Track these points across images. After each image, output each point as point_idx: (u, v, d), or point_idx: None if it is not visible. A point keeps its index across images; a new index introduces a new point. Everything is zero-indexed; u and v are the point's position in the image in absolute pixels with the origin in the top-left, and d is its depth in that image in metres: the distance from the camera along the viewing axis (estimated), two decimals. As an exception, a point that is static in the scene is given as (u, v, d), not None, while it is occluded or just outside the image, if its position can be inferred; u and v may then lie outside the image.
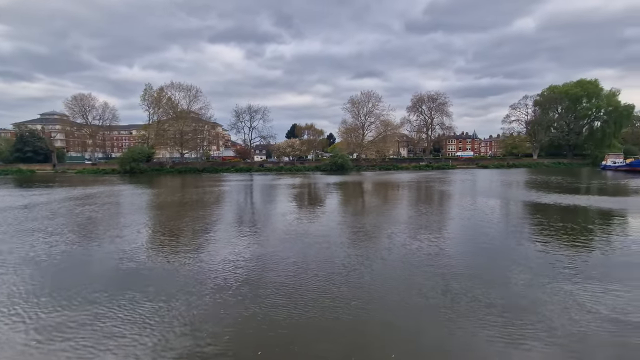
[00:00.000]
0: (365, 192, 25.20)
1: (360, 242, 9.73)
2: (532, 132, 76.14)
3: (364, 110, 68.12)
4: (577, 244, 9.18)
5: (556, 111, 75.77)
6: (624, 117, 69.63)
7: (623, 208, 15.11)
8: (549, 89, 75.76)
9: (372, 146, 68.41)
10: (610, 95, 70.89)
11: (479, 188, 25.97)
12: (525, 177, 38.96)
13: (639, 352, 4.25)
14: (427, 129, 77.43)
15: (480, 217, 13.50)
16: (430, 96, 74.81)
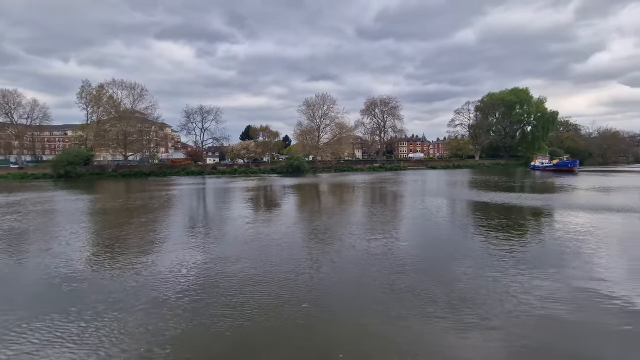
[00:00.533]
0: (321, 193, 25.30)
1: (314, 244, 9.65)
2: (474, 135, 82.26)
3: (319, 112, 68.72)
4: (513, 237, 9.91)
5: (494, 116, 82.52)
6: (550, 122, 77.94)
7: (550, 205, 16.72)
8: (487, 96, 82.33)
9: (328, 148, 69.17)
10: (539, 102, 78.86)
11: (428, 188, 27.31)
12: (469, 177, 41.81)
13: (570, 334, 4.61)
14: (380, 132, 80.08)
15: (429, 215, 14.11)
16: (382, 100, 77.55)
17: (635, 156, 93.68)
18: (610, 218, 12.56)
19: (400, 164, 73.48)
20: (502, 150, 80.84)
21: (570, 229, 10.98)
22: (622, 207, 14.91)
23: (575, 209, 14.59)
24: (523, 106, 78.68)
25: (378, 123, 79.08)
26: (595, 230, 10.71)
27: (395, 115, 77.45)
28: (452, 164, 75.26)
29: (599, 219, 12.38)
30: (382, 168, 67.58)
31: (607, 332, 4.67)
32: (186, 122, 68.41)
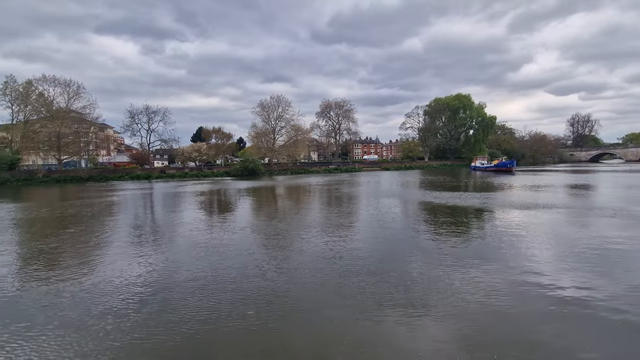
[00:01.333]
0: (276, 196, 24.94)
1: (266, 249, 9.40)
2: (423, 138, 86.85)
3: (275, 114, 68.02)
4: (457, 234, 10.47)
5: (441, 120, 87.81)
6: (489, 126, 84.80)
7: (490, 203, 18.04)
8: (435, 101, 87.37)
9: (284, 150, 68.67)
10: (479, 108, 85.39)
11: (381, 189, 28.15)
12: (419, 177, 43.92)
13: (507, 319, 4.96)
14: (335, 134, 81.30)
15: (381, 216, 14.48)
16: (337, 103, 78.91)
17: (560, 157, 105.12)
18: (538, 214, 13.85)
19: (355, 166, 75.17)
20: (449, 152, 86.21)
21: (506, 224, 11.93)
22: (548, 204, 16.58)
23: (511, 207, 15.91)
24: (466, 111, 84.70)
25: (333, 125, 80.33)
26: (527, 225, 11.74)
27: (350, 118, 79.27)
28: (404, 165, 78.59)
29: (530, 215, 13.60)
30: (337, 170, 68.58)
31: (539, 314, 5.12)
32: (130, 123, 64.06)
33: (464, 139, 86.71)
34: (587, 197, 19.58)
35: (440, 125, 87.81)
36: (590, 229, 10.80)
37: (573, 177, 36.38)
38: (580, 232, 10.41)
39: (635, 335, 4.57)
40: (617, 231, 10.28)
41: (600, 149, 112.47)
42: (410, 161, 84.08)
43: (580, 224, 11.55)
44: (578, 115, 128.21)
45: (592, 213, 13.58)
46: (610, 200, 17.33)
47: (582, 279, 6.51)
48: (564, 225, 11.55)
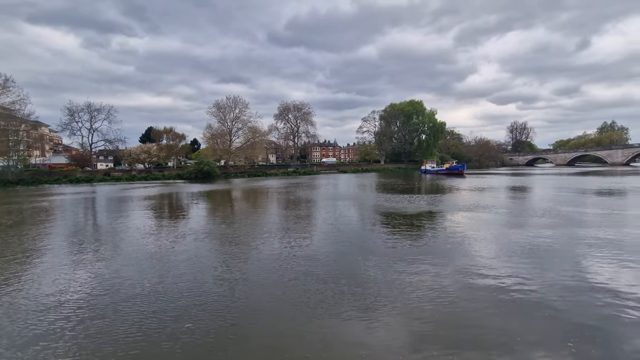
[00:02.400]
0: (232, 200, 24.32)
1: (223, 255, 9.12)
2: (380, 141, 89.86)
3: (231, 115, 66.34)
4: (410, 234, 10.95)
5: (396, 125, 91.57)
6: (440, 131, 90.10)
7: (441, 205, 19.11)
8: (390, 106, 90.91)
9: (241, 153, 67.15)
10: (431, 114, 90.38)
11: (339, 192, 28.62)
12: (375, 180, 45.35)
13: (456, 309, 5.29)
14: (293, 137, 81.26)
15: (338, 218, 14.69)
16: (295, 105, 79.00)
17: (501, 161, 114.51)
18: (482, 216, 14.96)
19: (314, 169, 75.69)
20: (403, 155, 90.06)
21: (454, 225, 12.74)
22: (490, 205, 18.00)
23: (459, 209, 17.02)
24: (419, 117, 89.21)
25: (292, 128, 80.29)
26: (472, 225, 12.62)
27: (308, 121, 79.74)
28: (361, 168, 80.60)
29: (474, 217, 14.62)
30: (296, 172, 68.53)
31: (484, 306, 5.54)
32: (70, 121, 58.73)
33: (417, 143, 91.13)
34: (523, 198, 21.54)
35: (395, 129, 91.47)
36: (524, 228, 11.86)
37: (512, 180, 39.77)
38: (516, 231, 11.39)
39: (557, 319, 5.10)
40: (546, 229, 11.41)
41: (535, 154, 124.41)
42: (367, 164, 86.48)
43: (516, 224, 12.64)
44: (516, 122, 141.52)
45: (526, 213, 14.94)
46: (541, 201, 19.24)
47: (518, 272, 7.13)
48: (503, 225, 12.57)
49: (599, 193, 22.91)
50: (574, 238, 10.06)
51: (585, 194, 22.35)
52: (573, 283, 6.52)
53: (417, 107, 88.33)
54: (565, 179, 39.40)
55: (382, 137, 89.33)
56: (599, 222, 12.48)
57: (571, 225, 11.99)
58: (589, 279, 6.71)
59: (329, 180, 47.31)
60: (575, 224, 12.19)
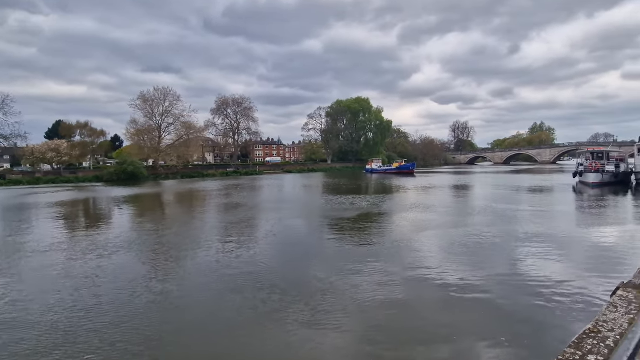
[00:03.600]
0: (162, 206, 23.13)
1: (152, 269, 8.68)
2: (326, 140, 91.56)
3: (160, 109, 62.56)
4: (358, 237, 11.45)
5: (343, 122, 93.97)
6: (386, 129, 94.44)
7: (390, 206, 20.16)
8: (336, 103, 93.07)
9: (173, 151, 63.71)
10: (377, 112, 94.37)
11: (283, 194, 28.73)
12: (322, 180, 46.29)
13: (406, 309, 5.73)
14: (233, 134, 79.33)
15: (282, 223, 14.79)
16: (235, 100, 77.08)
17: (444, 159, 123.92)
18: (428, 216, 16.15)
19: (257, 169, 74.58)
20: (351, 154, 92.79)
21: (401, 225, 13.64)
22: (436, 204, 19.54)
23: (406, 209, 18.16)
24: (365, 114, 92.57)
25: (231, 124, 78.30)
26: (418, 225, 13.58)
27: (250, 116, 78.42)
28: (307, 167, 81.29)
29: (419, 217, 15.73)
30: (237, 173, 66.96)
31: (433, 302, 6.10)
32: (-52, 112, 50.53)
33: (364, 142, 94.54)
34: (465, 197, 23.75)
35: (342, 127, 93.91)
36: (465, 227, 13.08)
37: (456, 179, 43.30)
38: (457, 230, 12.52)
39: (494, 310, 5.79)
40: (484, 227, 12.72)
41: (476, 153, 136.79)
42: (314, 163, 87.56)
43: (458, 224, 13.89)
44: (458, 122, 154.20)
45: (466, 212, 16.51)
46: (481, 199, 21.43)
47: (459, 269, 7.89)
48: (445, 224, 13.72)
49: (530, 190, 26.05)
50: (508, 234, 11.36)
51: (518, 192, 25.25)
52: (507, 277, 7.40)
53: (363, 104, 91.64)
54: (501, 177, 43.92)
55: (329, 135, 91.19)
56: (530, 218, 14.23)
57: (506, 222, 13.49)
58: (521, 273, 7.66)
59: (273, 181, 47.17)
60: (510, 220, 13.75)
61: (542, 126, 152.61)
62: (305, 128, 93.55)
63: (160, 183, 47.52)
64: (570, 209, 17.28)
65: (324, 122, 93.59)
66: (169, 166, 63.42)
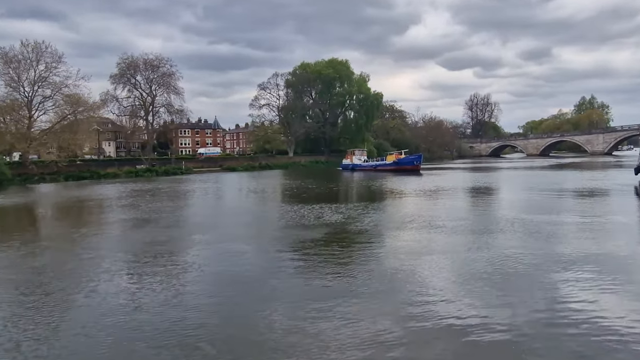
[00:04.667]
0: (31, 227, 22.25)
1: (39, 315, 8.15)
2: (286, 122, 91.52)
3: (32, 74, 60.02)
4: (336, 273, 11.31)
5: (310, 96, 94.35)
6: (375, 107, 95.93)
7: (370, 220, 20.22)
8: (301, 67, 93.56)
9: (51, 139, 61.48)
10: (361, 80, 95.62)
11: (221, 207, 28.29)
12: (279, 182, 46.40)
13: None
14: (146, 113, 77.51)
15: (223, 252, 14.54)
16: (148, 62, 75.17)
17: (458, 150, 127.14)
18: (433, 236, 16.35)
19: (182, 165, 73.26)
20: (323, 143, 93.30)
21: (396, 250, 13.66)
22: (442, 217, 19.97)
23: (403, 226, 18.45)
24: (344, 84, 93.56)
25: (142, 99, 76.45)
26: (420, 249, 13.67)
27: (171, 87, 76.89)
28: (258, 163, 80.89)
29: (424, 237, 15.90)
30: (151, 172, 65.41)
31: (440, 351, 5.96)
32: None
33: (342, 125, 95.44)
34: (486, 205, 24.58)
35: (309, 103, 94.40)
36: (488, 248, 13.28)
37: (475, 178, 44.53)
38: (476, 253, 12.69)
39: None
40: (513, 248, 12.97)
41: (501, 141, 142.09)
42: (268, 157, 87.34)
43: (477, 244, 14.10)
44: (476, 96, 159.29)
45: (488, 227, 16.94)
46: (507, 208, 22.23)
47: (481, 307, 7.87)
48: (459, 245, 13.89)
49: (577, 194, 27.21)
50: (546, 258, 11.60)
51: (561, 196, 26.31)
52: (546, 316, 7.47)
53: (340, 69, 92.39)
54: (537, 175, 45.63)
55: (291, 114, 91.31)
56: (576, 234, 14.74)
57: (543, 240, 13.85)
58: (566, 310, 7.75)
59: (207, 184, 46.53)
60: (548, 238, 14.14)
61: (593, 102, 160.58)
62: (255, 104, 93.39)
63: (31, 189, 45.83)
64: (632, 221, 17.98)
65: (282, 96, 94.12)
66: (45, 162, 61.04)
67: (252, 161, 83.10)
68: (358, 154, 72.23)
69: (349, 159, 71.15)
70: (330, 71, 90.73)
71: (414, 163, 59.49)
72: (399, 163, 61.17)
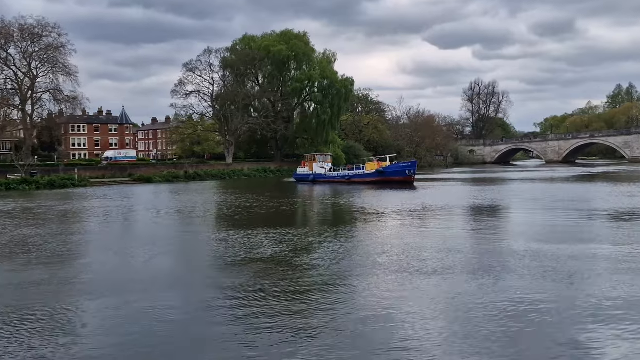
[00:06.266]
0: None
1: None
2: (223, 115, 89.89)
3: None
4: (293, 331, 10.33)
5: (256, 80, 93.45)
6: (343, 97, 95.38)
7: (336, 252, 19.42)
8: (243, 41, 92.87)
9: None
10: (325, 61, 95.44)
11: (126, 238, 26.94)
12: (209, 198, 45.43)
13: None
14: (23, 101, 75.38)
15: (111, 317, 13.44)
16: (26, 28, 73.28)
17: (454, 155, 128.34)
18: (426, 280, 15.67)
19: (75, 175, 71.10)
20: (273, 145, 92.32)
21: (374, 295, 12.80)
22: (437, 248, 19.37)
23: (381, 260, 17.59)
24: (302, 65, 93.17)
25: (17, 80, 74.46)
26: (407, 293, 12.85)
27: (59, 65, 75.06)
28: (184, 172, 79.27)
29: (414, 280, 15.20)
30: (29, 185, 62.90)
31: None
32: None
33: (300, 120, 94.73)
34: (493, 230, 24.20)
35: (255, 91, 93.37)
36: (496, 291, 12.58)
37: (477, 192, 44.18)
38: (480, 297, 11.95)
39: None
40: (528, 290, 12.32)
41: (512, 143, 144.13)
42: (198, 164, 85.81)
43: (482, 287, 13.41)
44: (478, 83, 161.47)
45: (496, 262, 16.42)
46: (520, 235, 21.95)
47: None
48: (458, 286, 13.15)
49: (611, 216, 27.09)
50: (572, 303, 11.02)
51: (591, 219, 26.14)
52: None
53: (297, 45, 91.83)
54: (559, 189, 45.83)
55: (229, 105, 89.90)
56: (611, 270, 14.31)
57: (567, 278, 13.30)
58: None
59: (107, 202, 45.04)
60: (574, 275, 13.61)
61: (632, 92, 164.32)
62: (180, 91, 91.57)
63: None
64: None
65: (217, 81, 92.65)
66: None
67: (175, 169, 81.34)
68: (321, 160, 71.22)
69: (306, 167, 70.52)
70: (282, 48, 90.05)
71: (405, 173, 59.13)
72: (386, 173, 60.58)
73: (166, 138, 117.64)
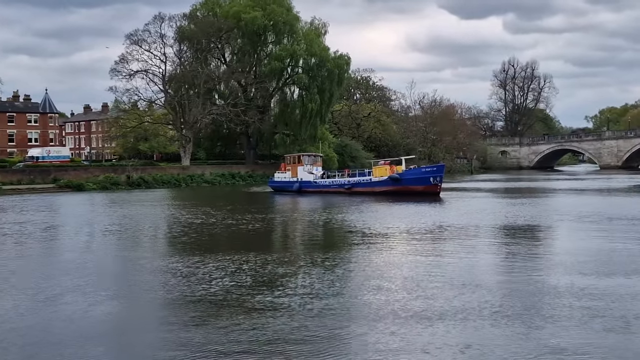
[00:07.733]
0: None
1: None
2: (179, 102, 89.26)
3: None
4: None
5: (222, 58, 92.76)
6: (336, 80, 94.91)
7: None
8: (205, 6, 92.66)
9: None
10: (313, 35, 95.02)
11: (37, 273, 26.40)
12: (158, 212, 45.42)
13: None
14: None
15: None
16: None
17: (482, 156, 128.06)
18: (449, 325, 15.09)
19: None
20: (245, 142, 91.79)
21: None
22: (469, 279, 18.68)
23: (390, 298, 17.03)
24: (282, 38, 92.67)
25: None
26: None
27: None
28: (126, 176, 78.93)
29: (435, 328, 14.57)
30: None
31: None
32: None
33: (280, 110, 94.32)
34: (535, 259, 24.00)
35: (220, 71, 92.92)
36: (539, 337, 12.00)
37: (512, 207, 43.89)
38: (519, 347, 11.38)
39: None
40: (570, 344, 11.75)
41: (556, 142, 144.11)
42: (146, 166, 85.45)
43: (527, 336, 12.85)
44: (513, 64, 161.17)
45: (541, 302, 15.78)
46: (569, 265, 21.48)
47: None
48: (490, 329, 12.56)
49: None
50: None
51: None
52: None
53: (275, 12, 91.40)
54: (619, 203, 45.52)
55: (186, 89, 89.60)
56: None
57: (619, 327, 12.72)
58: None
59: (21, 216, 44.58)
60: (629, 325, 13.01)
61: None
62: (122, 71, 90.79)
63: None
64: None
65: (171, 57, 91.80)
66: None
67: (114, 173, 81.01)
68: (309, 162, 69.60)
69: (288, 172, 69.13)
70: (257, 14, 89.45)
71: (429, 181, 56.83)
72: (402, 181, 58.46)
73: (103, 132, 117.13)
